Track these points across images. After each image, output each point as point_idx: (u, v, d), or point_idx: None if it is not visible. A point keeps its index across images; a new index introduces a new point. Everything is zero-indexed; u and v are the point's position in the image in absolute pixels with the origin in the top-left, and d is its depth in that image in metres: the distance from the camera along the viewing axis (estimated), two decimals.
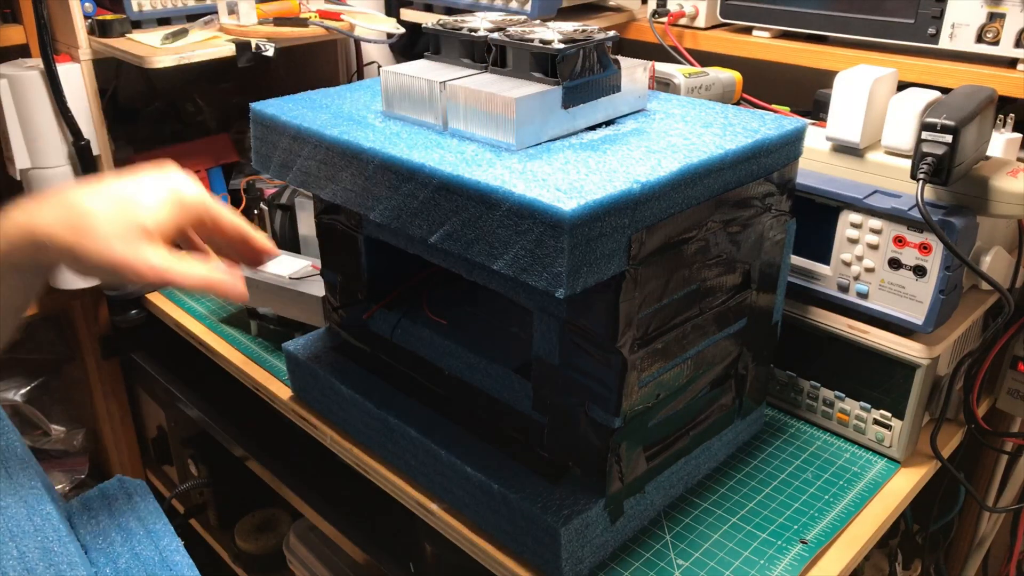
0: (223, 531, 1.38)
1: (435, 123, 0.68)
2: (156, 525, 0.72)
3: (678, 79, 0.88)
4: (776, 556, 0.70)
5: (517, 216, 0.55)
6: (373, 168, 0.65)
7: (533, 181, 0.56)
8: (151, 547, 0.69)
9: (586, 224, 0.54)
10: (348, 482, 0.96)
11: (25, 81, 1.06)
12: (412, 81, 0.68)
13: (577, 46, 0.64)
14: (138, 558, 0.68)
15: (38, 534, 0.64)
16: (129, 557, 0.68)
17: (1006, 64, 0.89)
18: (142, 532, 0.71)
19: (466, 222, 0.59)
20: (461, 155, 0.62)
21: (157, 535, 0.71)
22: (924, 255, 0.74)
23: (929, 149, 0.68)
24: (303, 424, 0.90)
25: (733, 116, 0.72)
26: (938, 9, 0.90)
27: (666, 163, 0.60)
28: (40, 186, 1.12)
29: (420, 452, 0.75)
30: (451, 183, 0.59)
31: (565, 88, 0.64)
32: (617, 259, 0.57)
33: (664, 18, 1.16)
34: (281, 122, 0.72)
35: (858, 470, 0.80)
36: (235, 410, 1.17)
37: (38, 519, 0.65)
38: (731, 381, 0.77)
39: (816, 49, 1.03)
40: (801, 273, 0.83)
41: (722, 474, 0.80)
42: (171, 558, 0.69)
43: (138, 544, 0.69)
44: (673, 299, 0.65)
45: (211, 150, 1.33)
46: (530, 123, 0.63)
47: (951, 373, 0.82)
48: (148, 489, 0.77)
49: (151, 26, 1.17)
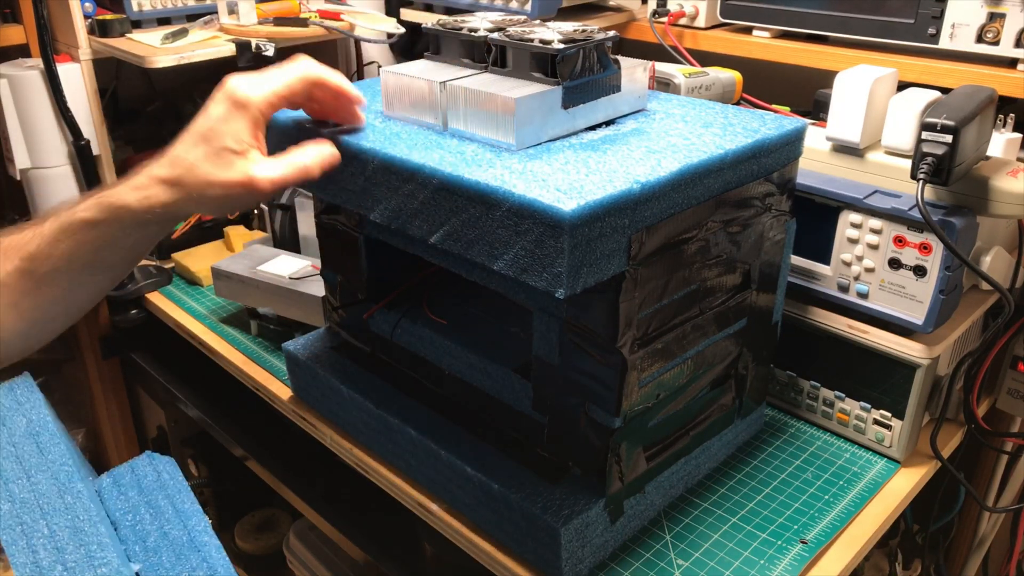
0: (223, 531, 1.38)
1: (435, 123, 0.68)
2: (184, 505, 0.72)
3: (678, 79, 0.88)
4: (776, 556, 0.70)
5: (517, 216, 0.55)
6: (373, 168, 0.65)
7: (533, 181, 0.56)
8: (180, 526, 0.70)
9: (586, 224, 0.54)
10: (348, 482, 0.96)
11: (25, 81, 1.07)
12: (412, 81, 0.68)
13: (577, 46, 0.64)
14: (167, 537, 0.68)
15: (68, 512, 0.64)
16: (158, 536, 0.68)
17: (1006, 64, 0.89)
18: (171, 511, 0.71)
19: (466, 222, 0.59)
20: (461, 155, 0.62)
21: (186, 515, 0.71)
22: (924, 255, 0.74)
23: (929, 149, 0.68)
24: (303, 424, 0.90)
25: (733, 116, 0.72)
26: (938, 9, 0.90)
27: (666, 163, 0.60)
28: (40, 186, 1.12)
29: (420, 452, 0.75)
30: (451, 183, 0.59)
31: (565, 88, 0.64)
32: (617, 259, 0.57)
33: (664, 18, 1.16)
34: (280, 122, 0.72)
35: (858, 470, 0.80)
36: (235, 410, 1.17)
37: (69, 497, 0.66)
38: (731, 381, 0.77)
39: (816, 49, 1.03)
40: (801, 273, 0.83)
41: (722, 474, 0.80)
42: (199, 538, 0.69)
43: (167, 523, 0.70)
44: (673, 299, 0.65)
45: None
46: (530, 123, 0.63)
47: (951, 373, 0.82)
48: (176, 466, 0.77)
49: (151, 26, 1.17)
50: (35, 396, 0.80)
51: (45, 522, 0.64)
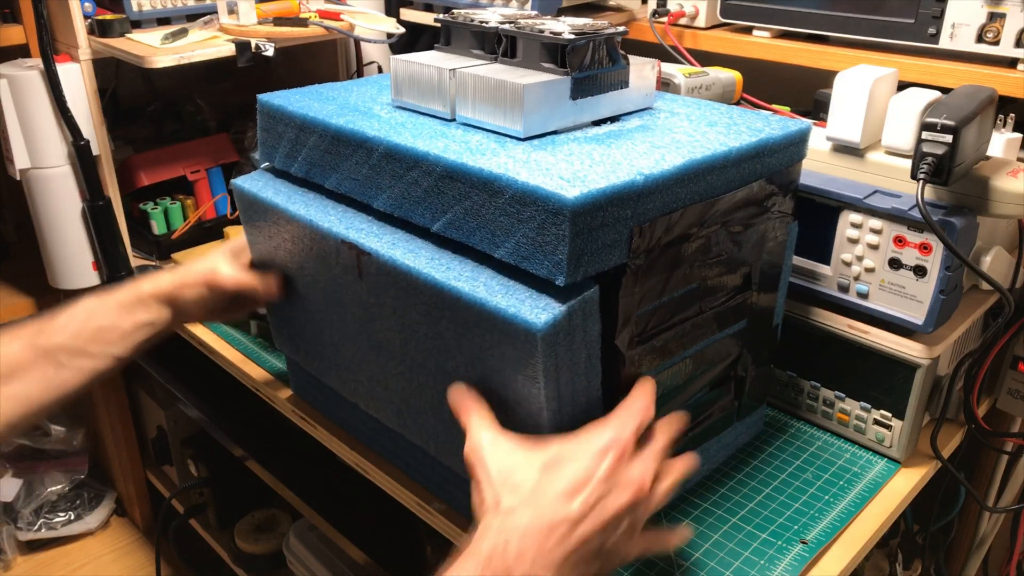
0: (223, 531, 1.38)
1: (444, 111, 0.68)
2: None
3: (678, 79, 0.88)
4: (776, 556, 0.70)
5: (520, 203, 0.55)
6: (378, 156, 0.65)
7: (537, 169, 0.57)
8: None
9: (588, 212, 0.54)
10: (348, 482, 0.96)
11: (25, 81, 1.06)
12: (422, 69, 0.68)
13: (587, 38, 0.65)
14: None
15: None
16: None
17: (1006, 64, 0.89)
18: None
19: (469, 210, 0.59)
20: (466, 144, 0.62)
21: None
22: (924, 255, 0.74)
23: (929, 149, 0.68)
24: (303, 424, 0.90)
25: (738, 116, 0.72)
26: (938, 9, 0.90)
27: (670, 157, 0.60)
28: (40, 186, 1.12)
29: (420, 452, 0.75)
30: (455, 171, 0.59)
31: (574, 79, 0.65)
32: (618, 250, 0.57)
33: (664, 18, 1.16)
34: (287, 112, 0.72)
35: (858, 470, 0.80)
36: (235, 410, 1.17)
37: None
38: (731, 382, 0.77)
39: (816, 49, 1.03)
40: (801, 273, 0.83)
41: (722, 474, 0.79)
42: None
43: None
44: (673, 296, 0.65)
45: (211, 150, 1.33)
46: (538, 112, 0.63)
47: (951, 373, 0.82)
48: None
49: (151, 26, 1.17)
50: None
51: None
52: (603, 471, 0.53)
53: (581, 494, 0.52)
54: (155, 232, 1.25)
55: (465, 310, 0.58)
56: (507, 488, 0.53)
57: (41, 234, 1.15)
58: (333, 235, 0.67)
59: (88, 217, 1.14)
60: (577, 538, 0.51)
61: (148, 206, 1.25)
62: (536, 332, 0.53)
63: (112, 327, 0.72)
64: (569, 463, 0.53)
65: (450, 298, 0.59)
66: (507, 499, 0.52)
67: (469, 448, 0.56)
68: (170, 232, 1.26)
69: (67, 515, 1.57)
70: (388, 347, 0.69)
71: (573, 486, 0.52)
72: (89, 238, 1.16)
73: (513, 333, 0.55)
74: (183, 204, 1.28)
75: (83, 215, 1.14)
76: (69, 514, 1.57)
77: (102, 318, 0.72)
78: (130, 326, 0.72)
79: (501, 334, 0.56)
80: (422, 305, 0.62)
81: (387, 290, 0.65)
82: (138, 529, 1.63)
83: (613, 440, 0.54)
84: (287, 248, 0.75)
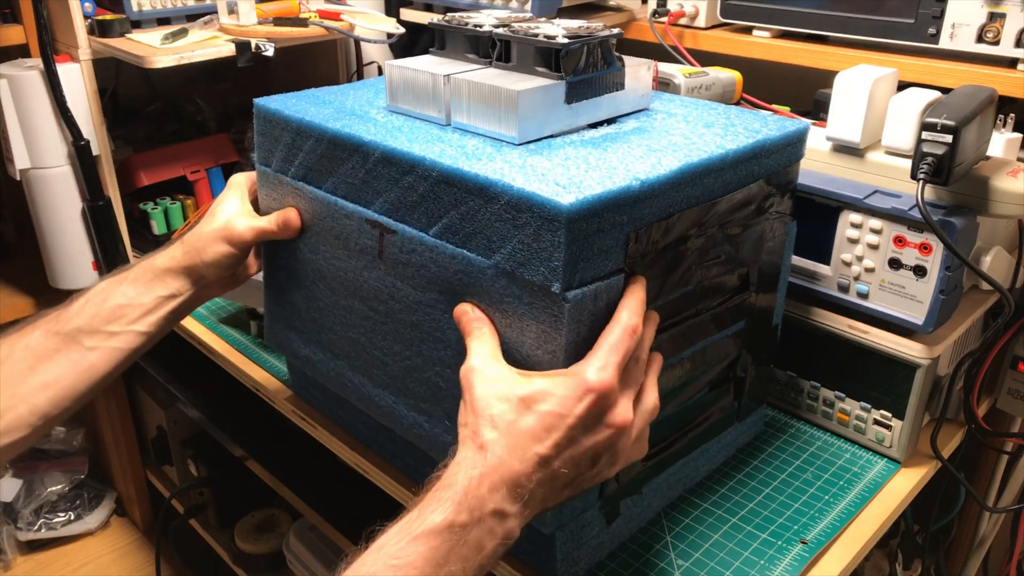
0: (223, 531, 1.38)
1: (439, 116, 0.68)
2: None
3: (678, 79, 0.88)
4: (776, 556, 0.70)
5: (516, 209, 0.55)
6: (374, 161, 0.65)
7: (533, 175, 0.57)
8: None
9: (584, 219, 0.54)
10: (348, 482, 0.96)
11: (25, 81, 1.06)
12: (416, 75, 0.68)
13: (581, 42, 0.64)
14: None
15: None
16: None
17: (1006, 64, 0.89)
18: None
19: (465, 215, 0.59)
20: (462, 149, 0.62)
21: None
22: (924, 255, 0.74)
23: (929, 149, 0.68)
24: (303, 424, 0.90)
25: (735, 117, 0.72)
26: (938, 9, 0.90)
27: (666, 161, 0.60)
28: (40, 186, 1.12)
29: (420, 452, 0.75)
30: (451, 176, 0.59)
31: (569, 83, 0.64)
32: (615, 256, 0.57)
33: (664, 18, 1.16)
34: (284, 116, 0.72)
35: (858, 470, 0.80)
36: (235, 410, 1.17)
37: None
38: (730, 383, 0.77)
39: (816, 49, 1.03)
40: (801, 273, 0.83)
41: (722, 474, 0.79)
42: None
43: None
44: (671, 299, 0.65)
45: (211, 150, 1.33)
46: (532, 117, 0.63)
47: (951, 373, 0.82)
48: None
49: (151, 26, 1.17)
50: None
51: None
52: (578, 413, 0.53)
53: (552, 435, 0.53)
54: (155, 232, 1.25)
55: (491, 282, 0.58)
56: (485, 419, 0.54)
57: (41, 234, 1.15)
58: (358, 213, 0.68)
59: (88, 217, 1.14)
60: (548, 474, 0.53)
61: (148, 206, 1.25)
62: (566, 302, 0.54)
63: (131, 304, 0.72)
64: (545, 401, 0.53)
65: (477, 271, 0.59)
66: (485, 432, 0.53)
67: (464, 368, 0.57)
68: (170, 232, 1.26)
69: (67, 515, 1.57)
70: (397, 332, 0.69)
71: (544, 426, 0.53)
72: (89, 238, 1.16)
73: (541, 303, 0.56)
74: (183, 204, 1.28)
75: (83, 215, 1.14)
76: (69, 514, 1.57)
77: (119, 297, 0.72)
78: (151, 301, 0.72)
79: (528, 305, 0.57)
80: (444, 283, 0.62)
81: (406, 270, 0.65)
82: (138, 529, 1.63)
83: (594, 383, 0.54)
84: (303, 227, 0.75)
